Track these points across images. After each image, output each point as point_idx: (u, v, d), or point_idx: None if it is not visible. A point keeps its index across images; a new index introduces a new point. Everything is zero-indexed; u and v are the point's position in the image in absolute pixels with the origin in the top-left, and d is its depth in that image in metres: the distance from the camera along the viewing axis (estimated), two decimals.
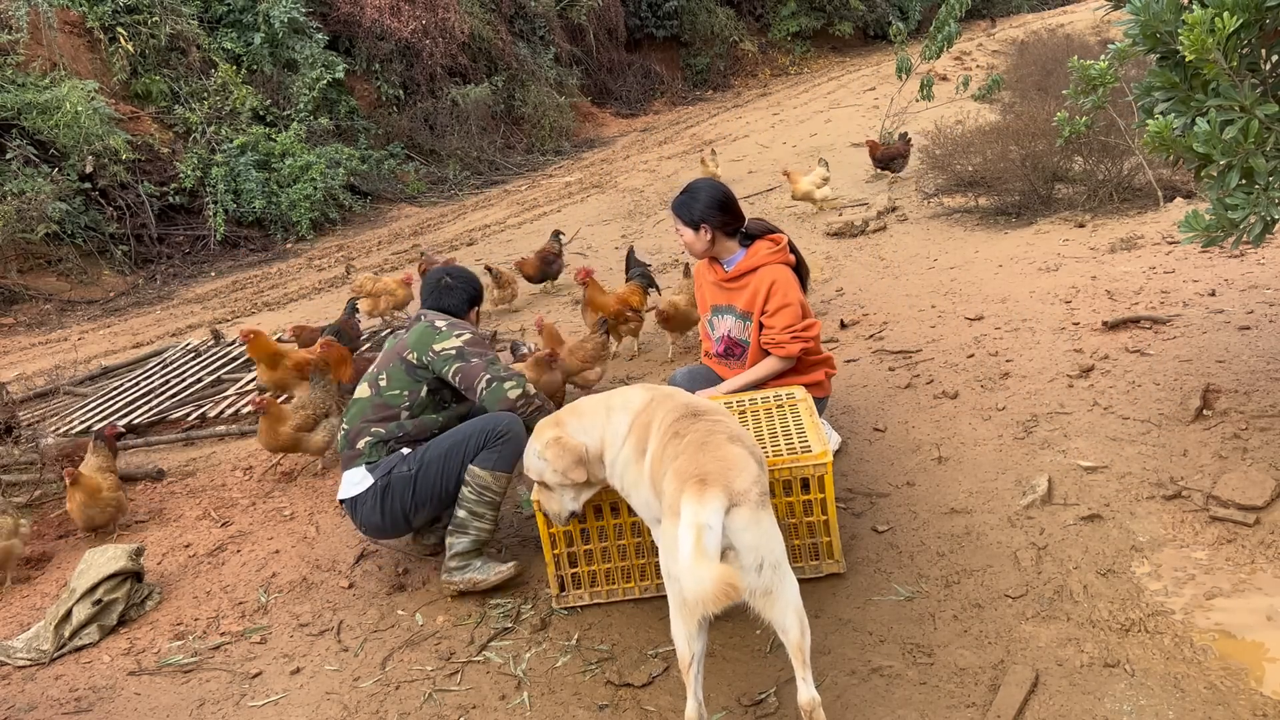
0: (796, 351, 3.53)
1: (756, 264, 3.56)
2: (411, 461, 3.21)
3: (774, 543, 2.23)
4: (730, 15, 19.62)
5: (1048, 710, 2.34)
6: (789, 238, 3.67)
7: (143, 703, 2.93)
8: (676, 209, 3.64)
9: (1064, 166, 7.17)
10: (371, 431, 3.26)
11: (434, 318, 3.39)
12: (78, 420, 5.38)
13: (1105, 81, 3.89)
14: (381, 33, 13.07)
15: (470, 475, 3.16)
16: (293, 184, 10.82)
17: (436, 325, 3.33)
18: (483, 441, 3.17)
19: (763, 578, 2.18)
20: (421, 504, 3.22)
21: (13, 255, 9.10)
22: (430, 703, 2.73)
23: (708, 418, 2.53)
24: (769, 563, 2.20)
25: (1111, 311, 4.74)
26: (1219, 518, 2.97)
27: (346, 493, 3.26)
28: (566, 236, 7.91)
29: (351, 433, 3.31)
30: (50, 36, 10.10)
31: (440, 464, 3.19)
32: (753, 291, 3.55)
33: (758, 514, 2.22)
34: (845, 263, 6.77)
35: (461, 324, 3.40)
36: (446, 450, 3.19)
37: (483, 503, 3.19)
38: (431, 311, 3.46)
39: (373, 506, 3.21)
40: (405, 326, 3.50)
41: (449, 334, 3.29)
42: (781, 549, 2.25)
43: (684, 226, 3.62)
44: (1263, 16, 2.66)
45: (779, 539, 2.26)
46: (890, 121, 10.45)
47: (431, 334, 3.30)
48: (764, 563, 2.19)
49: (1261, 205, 2.75)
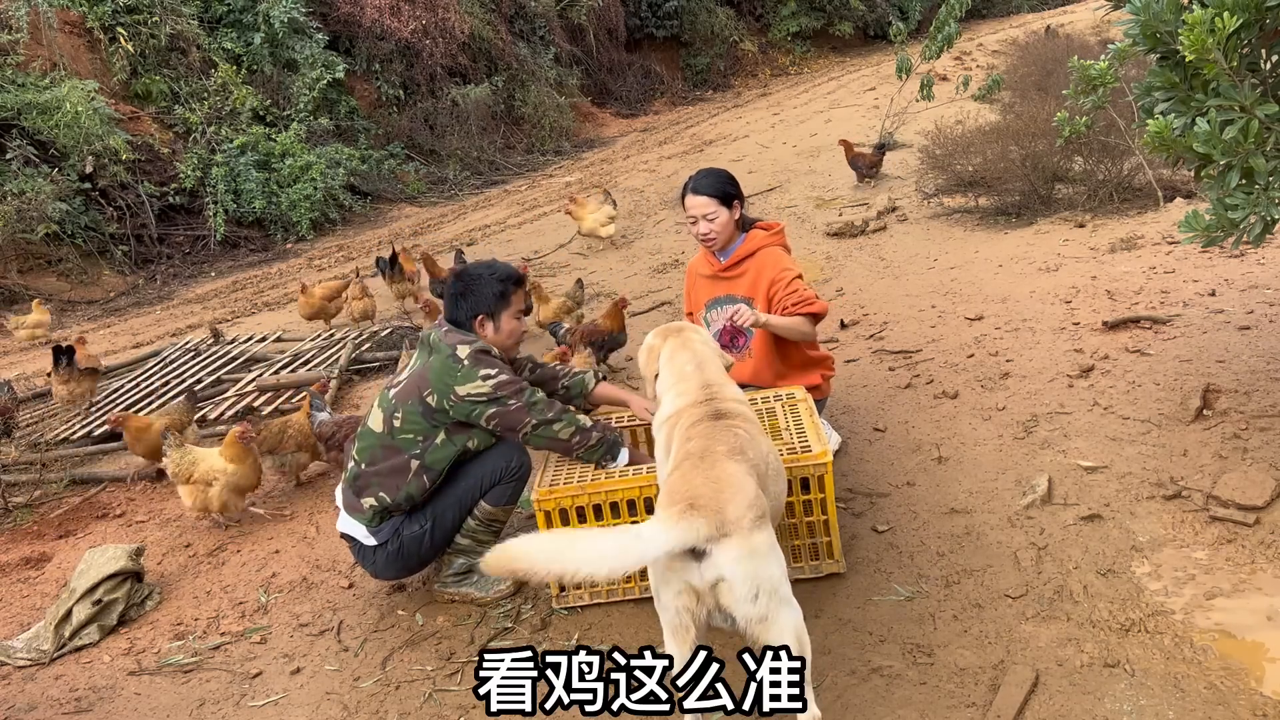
0: (824, 309, 3.45)
1: (755, 247, 3.56)
2: (422, 519, 3.07)
3: (770, 568, 2.09)
4: (730, 15, 19.63)
5: (1048, 710, 2.34)
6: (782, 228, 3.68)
7: (143, 703, 2.93)
8: (706, 189, 3.48)
9: (1064, 166, 7.16)
10: (378, 496, 3.03)
11: (455, 340, 3.03)
12: (77, 420, 5.38)
13: (1105, 81, 3.89)
14: (381, 33, 13.07)
15: (479, 510, 3.11)
16: (293, 184, 10.81)
17: (458, 356, 2.97)
18: (498, 478, 3.07)
19: (758, 606, 2.07)
20: (439, 548, 3.15)
21: (13, 255, 9.11)
22: (430, 703, 2.73)
23: (725, 421, 2.43)
24: (765, 590, 2.07)
25: (1111, 311, 4.74)
26: (1219, 518, 2.97)
27: (349, 532, 3.16)
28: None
29: (359, 480, 3.07)
30: (50, 36, 10.10)
31: (455, 510, 3.10)
32: (755, 274, 3.54)
33: (751, 540, 2.07)
34: (845, 263, 6.77)
35: (484, 358, 3.00)
36: (460, 496, 3.08)
37: (489, 531, 3.15)
38: (453, 330, 3.10)
39: (385, 564, 3.13)
40: (396, 330, 3.35)
41: (473, 373, 2.94)
42: (780, 571, 2.11)
43: (718, 205, 3.48)
44: (1263, 16, 2.66)
45: (777, 561, 2.12)
46: (890, 121, 10.45)
47: (454, 371, 2.95)
48: (759, 591, 2.06)
49: (1261, 205, 2.75)
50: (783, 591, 2.12)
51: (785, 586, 2.13)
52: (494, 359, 3.03)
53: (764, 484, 2.31)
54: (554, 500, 2.95)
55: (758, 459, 2.34)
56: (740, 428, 2.42)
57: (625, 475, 2.97)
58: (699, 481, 2.18)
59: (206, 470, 3.85)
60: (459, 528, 3.12)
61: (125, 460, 4.90)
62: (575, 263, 7.95)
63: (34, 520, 4.35)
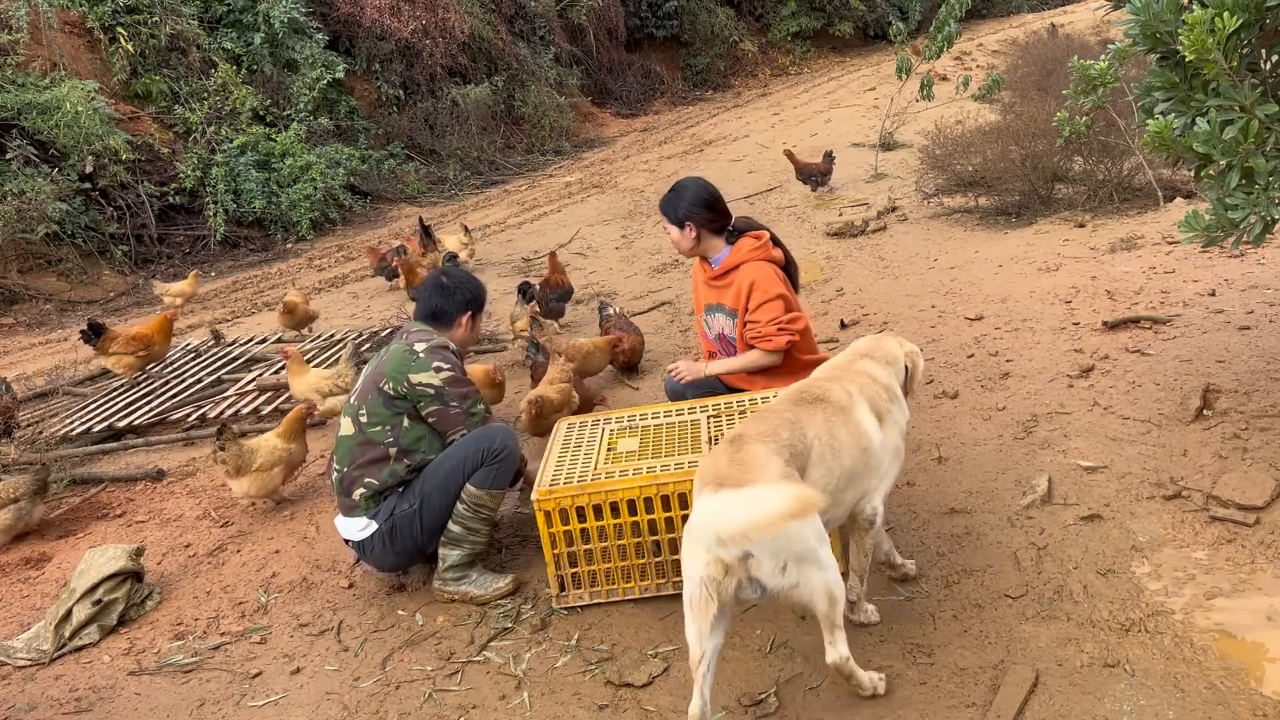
0: (783, 344, 3.51)
1: (739, 260, 3.57)
2: (411, 498, 3.15)
3: (799, 538, 2.19)
4: (730, 15, 19.61)
5: (1048, 710, 2.34)
6: (772, 233, 3.67)
7: (143, 703, 2.93)
8: (663, 207, 3.66)
9: (1064, 166, 7.17)
10: (365, 483, 3.15)
11: (415, 338, 3.21)
12: (78, 420, 5.38)
13: (1105, 81, 3.89)
14: (381, 33, 13.06)
15: (466, 493, 3.14)
16: (293, 184, 10.80)
17: (415, 350, 3.16)
18: (480, 460, 3.13)
19: (788, 576, 2.19)
20: (431, 534, 3.19)
21: (13, 255, 9.09)
22: (430, 703, 2.73)
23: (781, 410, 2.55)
24: (794, 559, 2.18)
25: (1111, 311, 4.74)
26: (1219, 518, 2.97)
27: (351, 535, 3.23)
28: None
29: (345, 480, 3.19)
30: (50, 36, 10.09)
31: (441, 494, 3.15)
32: (737, 289, 3.56)
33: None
34: (845, 263, 6.77)
35: (441, 351, 3.18)
36: (444, 478, 3.14)
37: (478, 519, 3.18)
38: (416, 326, 3.30)
39: (383, 549, 3.18)
40: (396, 330, 3.42)
41: (427, 364, 3.13)
42: (808, 537, 2.20)
43: (670, 224, 3.65)
44: (1263, 16, 2.67)
45: (808, 527, 2.20)
46: (890, 121, 10.45)
47: (408, 361, 3.14)
48: (788, 562, 2.18)
49: (1261, 205, 2.75)
50: (812, 555, 2.22)
51: (815, 550, 2.23)
52: (450, 354, 3.21)
53: (806, 462, 2.41)
54: (554, 500, 2.95)
55: (795, 440, 2.41)
56: (792, 414, 2.51)
57: (626, 476, 2.97)
58: (722, 462, 2.30)
59: (269, 455, 3.95)
60: (449, 513, 3.15)
61: (125, 460, 4.90)
62: (575, 262, 7.96)
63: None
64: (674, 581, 3.01)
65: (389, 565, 3.28)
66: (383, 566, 3.29)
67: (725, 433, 3.08)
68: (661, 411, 3.43)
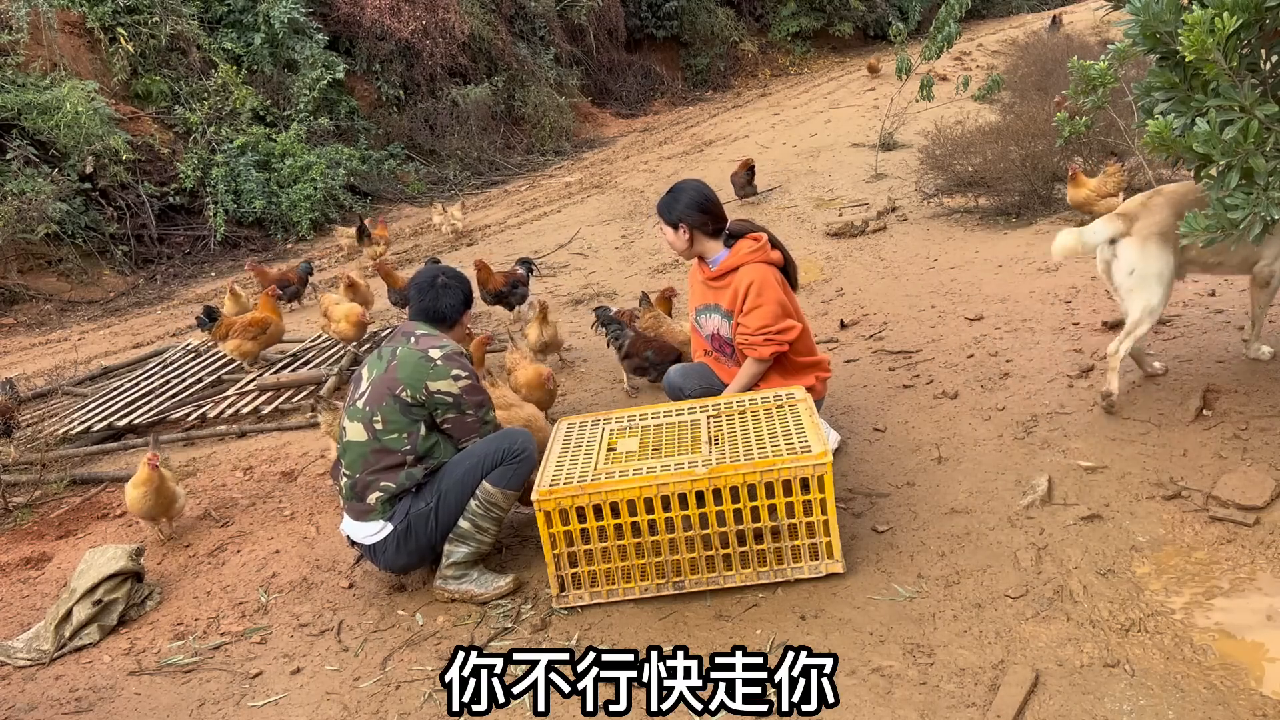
0: (768, 354, 3.53)
1: (737, 263, 3.57)
2: (427, 495, 3.15)
3: (1148, 262, 3.54)
4: (730, 15, 19.59)
5: (1048, 710, 2.34)
6: (770, 235, 3.67)
7: (143, 703, 2.93)
8: (659, 209, 3.69)
9: (1064, 166, 7.16)
10: (381, 486, 3.12)
11: (425, 343, 3.16)
12: (78, 420, 5.38)
13: (1105, 81, 3.90)
14: (381, 33, 13.05)
15: (481, 490, 3.14)
16: (293, 184, 10.81)
17: (431, 356, 3.11)
18: (500, 458, 3.14)
19: (1129, 280, 3.61)
20: (445, 530, 3.18)
21: (13, 255, 9.09)
22: (430, 703, 2.73)
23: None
24: (1138, 273, 3.56)
25: (1111, 311, 4.74)
26: (1219, 518, 2.97)
27: (362, 539, 3.21)
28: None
29: (358, 485, 3.15)
30: (50, 37, 10.09)
31: (458, 490, 3.14)
32: (733, 291, 3.57)
33: (1145, 245, 3.54)
34: (845, 263, 6.77)
35: (458, 359, 3.16)
36: (464, 474, 3.14)
37: (488, 518, 3.18)
38: (421, 327, 3.25)
39: (395, 551, 3.17)
40: (389, 336, 3.38)
41: (445, 371, 3.10)
42: (1156, 267, 3.54)
43: (665, 226, 3.68)
44: (1263, 16, 2.67)
45: (1159, 259, 3.53)
46: (890, 122, 10.45)
47: (425, 368, 3.09)
48: (1134, 271, 3.57)
49: (1261, 205, 2.75)
50: (1151, 280, 3.56)
51: (1155, 277, 3.56)
52: (466, 362, 3.20)
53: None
54: (554, 500, 2.95)
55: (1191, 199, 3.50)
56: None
57: (626, 476, 2.97)
58: (1132, 201, 3.71)
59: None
60: (463, 508, 3.15)
61: (126, 460, 4.90)
62: (575, 263, 7.96)
63: (34, 520, 4.35)
64: (674, 581, 3.01)
65: (399, 567, 3.27)
66: (393, 568, 3.28)
67: (725, 433, 3.12)
68: (661, 411, 3.43)
